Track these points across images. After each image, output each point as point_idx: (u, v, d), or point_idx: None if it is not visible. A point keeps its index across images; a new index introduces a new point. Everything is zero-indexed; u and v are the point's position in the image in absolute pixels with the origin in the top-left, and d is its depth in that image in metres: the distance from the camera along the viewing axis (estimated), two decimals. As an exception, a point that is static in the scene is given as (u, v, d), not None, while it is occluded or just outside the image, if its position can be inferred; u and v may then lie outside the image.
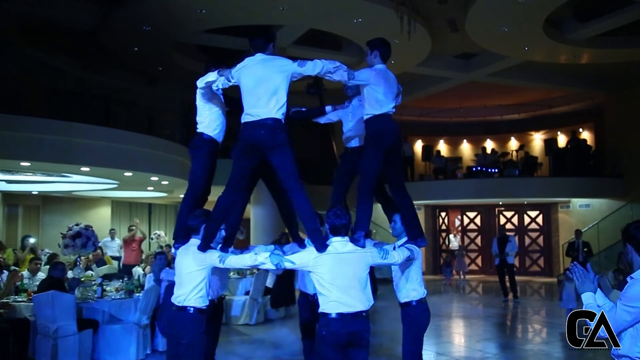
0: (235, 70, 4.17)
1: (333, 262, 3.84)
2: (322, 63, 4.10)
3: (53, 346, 6.17)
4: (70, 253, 9.52)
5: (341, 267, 3.83)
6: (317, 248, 3.89)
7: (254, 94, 4.05)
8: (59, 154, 9.60)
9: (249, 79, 4.09)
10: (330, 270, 3.82)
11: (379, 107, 4.38)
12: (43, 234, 14.70)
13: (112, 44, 13.29)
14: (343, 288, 3.80)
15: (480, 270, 19.47)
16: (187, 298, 4.15)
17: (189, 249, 4.25)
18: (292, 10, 11.48)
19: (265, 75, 4.07)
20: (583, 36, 13.23)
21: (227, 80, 4.19)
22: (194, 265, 4.15)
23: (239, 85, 4.16)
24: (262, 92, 4.03)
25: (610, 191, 17.15)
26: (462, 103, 19.47)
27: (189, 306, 4.14)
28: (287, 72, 4.08)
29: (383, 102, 4.39)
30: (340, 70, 4.16)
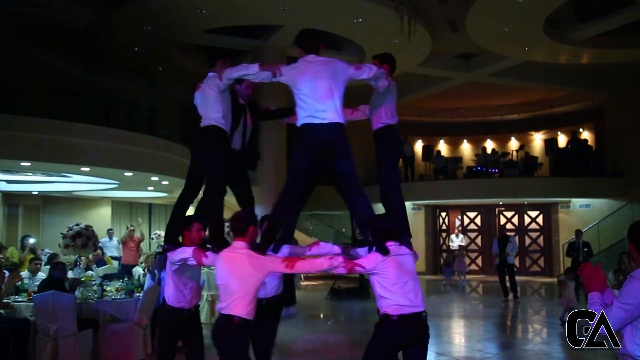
0: (290, 68, 4.15)
1: (397, 265, 3.90)
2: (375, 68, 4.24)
3: (53, 346, 6.15)
4: (71, 253, 9.52)
5: (406, 270, 3.93)
6: (381, 252, 3.91)
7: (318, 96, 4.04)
8: (59, 154, 9.60)
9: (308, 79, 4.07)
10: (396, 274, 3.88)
11: (392, 118, 4.56)
12: (43, 234, 14.70)
13: (113, 44, 13.30)
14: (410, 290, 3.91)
15: (480, 271, 19.47)
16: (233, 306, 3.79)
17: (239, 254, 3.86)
18: (292, 10, 11.49)
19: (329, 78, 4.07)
20: (583, 36, 13.24)
21: (272, 75, 4.15)
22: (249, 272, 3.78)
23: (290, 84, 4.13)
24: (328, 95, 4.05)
25: (610, 191, 17.15)
26: (462, 103, 19.48)
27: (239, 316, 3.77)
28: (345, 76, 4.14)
29: (394, 113, 4.56)
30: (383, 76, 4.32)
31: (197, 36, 13.09)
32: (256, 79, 4.21)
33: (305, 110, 4.05)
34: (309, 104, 4.03)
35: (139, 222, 13.72)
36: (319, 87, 4.02)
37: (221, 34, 12.82)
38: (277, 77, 4.13)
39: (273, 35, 13.07)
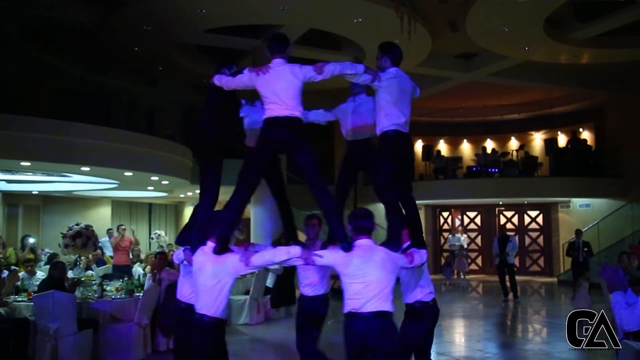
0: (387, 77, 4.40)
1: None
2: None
3: (53, 346, 6.16)
4: (71, 253, 9.53)
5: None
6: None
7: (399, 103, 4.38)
8: (59, 153, 9.59)
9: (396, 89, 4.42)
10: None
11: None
12: (43, 233, 14.71)
13: (113, 43, 13.29)
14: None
15: (480, 270, 19.48)
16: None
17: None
18: (292, 10, 11.48)
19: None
20: (583, 36, 13.24)
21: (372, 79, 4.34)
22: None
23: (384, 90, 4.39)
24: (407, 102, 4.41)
25: (610, 191, 17.15)
26: (462, 103, 19.48)
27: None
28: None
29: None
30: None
31: (196, 36, 13.08)
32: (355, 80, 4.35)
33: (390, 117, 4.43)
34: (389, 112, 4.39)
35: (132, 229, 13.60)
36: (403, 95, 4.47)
37: (221, 34, 12.81)
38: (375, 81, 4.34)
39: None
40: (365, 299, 3.73)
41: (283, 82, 4.11)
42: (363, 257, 3.81)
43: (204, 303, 3.98)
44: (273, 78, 4.14)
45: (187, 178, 12.04)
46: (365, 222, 3.92)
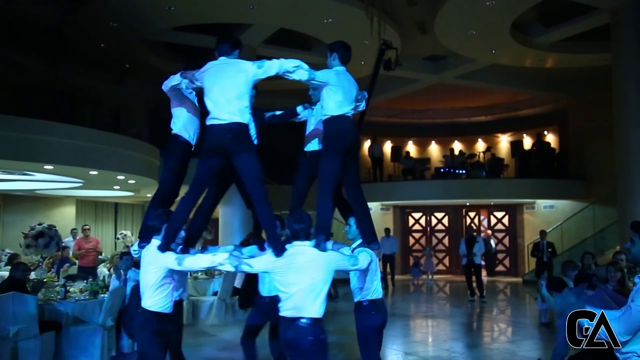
0: (200, 72, 4.20)
1: (291, 266, 3.80)
2: (280, 62, 4.11)
3: (13, 349, 5.99)
4: (32, 253, 9.29)
5: (299, 272, 3.78)
6: (275, 253, 3.88)
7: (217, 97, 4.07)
8: (21, 151, 9.34)
9: (211, 82, 4.11)
10: (287, 275, 3.79)
11: (338, 109, 4.33)
12: (4, 233, 14.31)
13: (78, 39, 13.03)
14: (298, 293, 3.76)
15: (447, 270, 19.69)
16: (144, 299, 4.12)
17: (149, 249, 4.17)
18: (262, 9, 11.43)
19: (228, 79, 4.09)
20: (548, 40, 13.53)
21: (190, 82, 4.24)
22: (150, 266, 4.10)
23: (203, 87, 4.17)
24: (226, 96, 4.04)
25: (573, 193, 17.54)
26: (430, 104, 19.68)
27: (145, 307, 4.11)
28: (247, 75, 4.11)
29: (342, 103, 4.35)
30: (300, 69, 4.15)
31: (164, 33, 12.92)
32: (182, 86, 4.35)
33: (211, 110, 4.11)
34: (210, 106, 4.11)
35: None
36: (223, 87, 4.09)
37: (189, 32, 12.67)
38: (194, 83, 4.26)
39: (242, 33, 12.97)
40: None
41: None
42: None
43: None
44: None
45: (154, 177, 11.86)
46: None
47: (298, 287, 3.74)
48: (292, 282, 3.76)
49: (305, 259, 3.80)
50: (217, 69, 4.16)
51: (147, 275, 4.12)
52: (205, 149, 4.13)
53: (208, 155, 4.14)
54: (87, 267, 11.25)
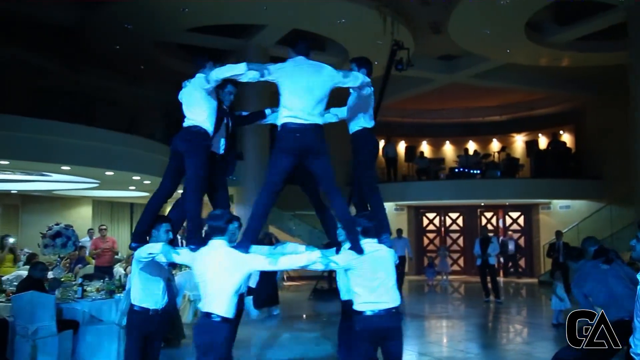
0: (277, 68, 4.18)
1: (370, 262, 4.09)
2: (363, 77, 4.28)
3: (32, 347, 6.07)
4: (50, 253, 9.38)
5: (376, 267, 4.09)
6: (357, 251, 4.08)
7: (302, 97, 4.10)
8: (38, 152, 9.47)
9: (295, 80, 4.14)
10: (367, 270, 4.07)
11: None
12: (22, 233, 14.50)
13: (94, 41, 13.16)
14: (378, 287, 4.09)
15: (462, 271, 19.60)
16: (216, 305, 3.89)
17: (218, 252, 3.93)
18: (275, 10, 11.47)
19: (317, 81, 4.15)
20: (563, 39, 13.40)
21: (261, 75, 4.14)
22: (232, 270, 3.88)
23: (277, 83, 4.18)
24: (313, 97, 4.11)
25: (589, 193, 17.37)
26: (444, 104, 19.60)
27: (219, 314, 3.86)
28: (333, 82, 4.21)
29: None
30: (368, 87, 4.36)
31: (179, 35, 13.01)
32: (243, 79, 4.17)
33: (289, 110, 4.09)
34: (293, 104, 4.08)
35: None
36: (304, 88, 4.09)
37: (204, 33, 12.75)
38: (265, 76, 4.14)
39: (256, 34, 13.04)
40: (205, 299, 3.90)
41: (186, 95, 4.42)
42: (203, 258, 3.94)
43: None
44: (188, 89, 4.43)
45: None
46: (216, 223, 3.98)
47: (379, 281, 4.08)
48: (375, 276, 4.02)
49: (380, 254, 4.13)
50: (303, 69, 4.18)
51: (226, 279, 3.85)
52: (287, 147, 4.12)
53: (288, 153, 4.13)
54: (103, 267, 11.34)
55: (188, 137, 4.35)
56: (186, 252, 4.09)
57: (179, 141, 4.39)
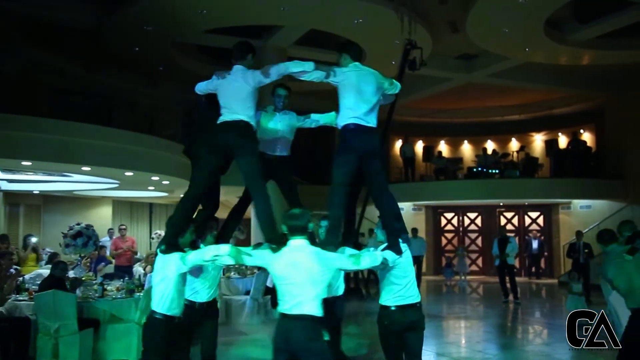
0: (342, 72, 4.32)
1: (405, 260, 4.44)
2: (398, 85, 4.60)
3: (54, 345, 6.18)
4: (71, 252, 9.53)
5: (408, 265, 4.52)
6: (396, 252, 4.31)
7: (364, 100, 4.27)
8: (60, 153, 9.61)
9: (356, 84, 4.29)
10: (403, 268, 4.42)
11: None
12: (44, 233, 14.73)
13: (113, 43, 13.30)
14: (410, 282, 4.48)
15: (480, 271, 19.47)
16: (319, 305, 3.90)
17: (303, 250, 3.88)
18: (293, 10, 11.49)
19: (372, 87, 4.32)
20: (583, 37, 13.24)
21: (326, 76, 4.30)
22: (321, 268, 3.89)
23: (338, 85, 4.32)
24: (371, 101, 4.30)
25: (610, 192, 17.14)
26: (462, 104, 19.48)
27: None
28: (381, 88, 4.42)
29: None
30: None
31: (197, 36, 13.09)
32: (308, 78, 4.31)
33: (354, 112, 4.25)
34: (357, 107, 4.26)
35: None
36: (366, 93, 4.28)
37: (222, 34, 12.82)
38: (329, 78, 4.30)
39: (273, 35, 13.08)
40: (292, 301, 3.74)
41: (234, 88, 4.30)
42: (290, 258, 3.81)
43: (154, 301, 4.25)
44: (227, 83, 4.34)
45: (187, 178, 12.01)
46: (298, 222, 3.89)
47: (410, 278, 4.43)
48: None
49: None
50: (363, 75, 4.34)
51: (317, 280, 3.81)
52: (355, 147, 4.24)
53: (355, 154, 4.25)
54: (123, 266, 11.49)
55: (242, 131, 4.26)
56: (262, 252, 3.98)
57: (229, 135, 4.25)
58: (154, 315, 4.23)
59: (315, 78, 4.29)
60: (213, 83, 4.42)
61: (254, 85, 4.29)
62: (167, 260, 4.21)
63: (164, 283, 4.21)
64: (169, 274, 4.20)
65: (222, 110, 4.31)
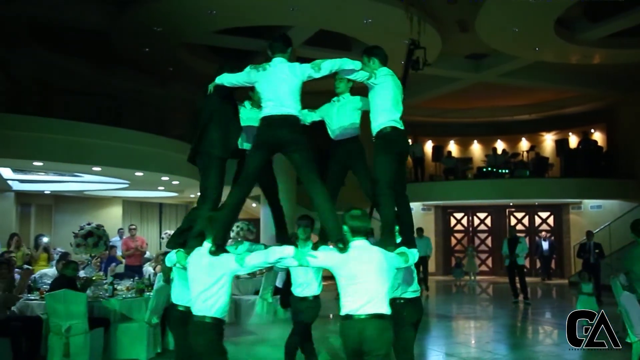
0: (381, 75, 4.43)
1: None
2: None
3: (65, 344, 6.22)
4: (82, 252, 9.60)
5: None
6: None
7: (397, 103, 4.45)
8: (70, 154, 9.70)
9: (392, 87, 4.45)
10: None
11: None
12: (55, 232, 14.85)
13: (123, 44, 13.37)
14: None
15: (490, 272, 19.40)
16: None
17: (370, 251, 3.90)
18: (302, 10, 11.50)
19: (400, 90, 4.53)
20: (594, 36, 13.15)
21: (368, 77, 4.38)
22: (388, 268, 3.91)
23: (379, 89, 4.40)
24: (399, 103, 4.48)
25: (621, 192, 17.02)
26: (472, 103, 19.41)
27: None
28: None
29: None
30: None
31: (207, 37, 13.13)
32: (353, 76, 4.38)
33: (391, 115, 4.38)
34: (394, 110, 4.39)
35: None
36: (398, 97, 4.45)
37: (231, 35, 12.85)
38: (371, 79, 4.37)
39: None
40: (362, 301, 3.72)
41: (281, 81, 4.17)
42: (359, 258, 3.79)
43: (202, 305, 3.94)
44: (272, 76, 4.20)
45: (197, 178, 12.06)
46: (361, 224, 3.88)
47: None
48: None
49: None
50: (395, 79, 4.47)
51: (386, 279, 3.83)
52: (396, 150, 4.37)
53: (396, 155, 4.35)
54: (133, 266, 11.56)
55: (295, 126, 4.16)
56: (330, 254, 3.93)
57: (282, 130, 4.12)
58: (204, 320, 3.92)
59: (360, 78, 4.34)
60: (251, 75, 4.28)
61: (303, 78, 4.22)
62: (218, 262, 3.93)
63: (216, 286, 3.92)
64: (221, 277, 3.93)
65: (267, 103, 4.18)
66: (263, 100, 4.24)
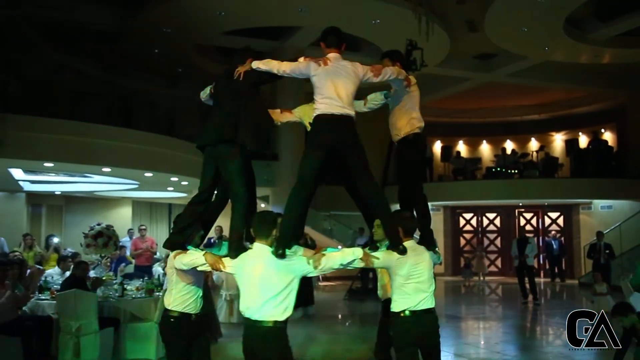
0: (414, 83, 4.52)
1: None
2: None
3: (75, 344, 6.27)
4: (92, 252, 9.65)
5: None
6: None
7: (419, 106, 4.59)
8: (81, 154, 9.76)
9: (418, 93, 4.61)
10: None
11: None
12: (66, 233, 14.94)
13: (133, 46, 13.46)
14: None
15: (499, 272, 19.33)
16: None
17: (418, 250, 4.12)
18: (310, 11, 11.54)
19: None
20: (604, 36, 13.09)
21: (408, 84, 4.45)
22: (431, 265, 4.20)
23: (410, 95, 4.49)
24: None
25: (632, 192, 16.89)
26: (481, 103, 19.36)
27: None
28: None
29: None
30: None
31: (216, 38, 13.20)
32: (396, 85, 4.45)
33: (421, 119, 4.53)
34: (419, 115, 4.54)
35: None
36: None
37: (240, 36, 12.91)
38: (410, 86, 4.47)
39: (292, 36, 13.13)
40: (419, 298, 3.98)
41: (344, 79, 3.94)
42: (415, 258, 4.02)
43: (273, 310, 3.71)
44: (333, 73, 3.94)
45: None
46: (413, 224, 4.20)
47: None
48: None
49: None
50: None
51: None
52: (424, 151, 4.72)
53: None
54: (142, 266, 11.61)
55: (353, 128, 3.95)
56: (389, 255, 3.97)
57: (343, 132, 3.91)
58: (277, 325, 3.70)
59: (398, 84, 4.41)
60: (310, 68, 3.96)
61: (363, 80, 4.04)
62: (290, 265, 3.71)
63: (287, 289, 3.69)
64: (292, 280, 3.71)
65: (324, 100, 3.89)
66: (320, 97, 3.95)
